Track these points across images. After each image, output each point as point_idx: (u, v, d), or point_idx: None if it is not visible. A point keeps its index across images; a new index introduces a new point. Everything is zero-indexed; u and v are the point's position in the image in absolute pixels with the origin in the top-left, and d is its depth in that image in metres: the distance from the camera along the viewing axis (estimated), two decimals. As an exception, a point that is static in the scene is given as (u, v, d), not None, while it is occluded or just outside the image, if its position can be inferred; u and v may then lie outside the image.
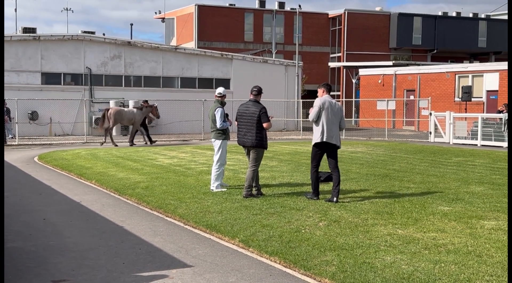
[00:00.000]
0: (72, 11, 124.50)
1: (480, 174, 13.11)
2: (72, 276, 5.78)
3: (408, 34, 51.80)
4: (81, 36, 30.28)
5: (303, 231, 7.33)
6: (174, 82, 31.90)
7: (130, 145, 22.56)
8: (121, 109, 23.24)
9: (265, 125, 9.74)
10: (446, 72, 34.04)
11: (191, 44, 47.49)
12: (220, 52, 34.19)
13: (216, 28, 48.14)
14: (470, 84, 31.48)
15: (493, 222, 7.78)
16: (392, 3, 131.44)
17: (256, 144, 9.77)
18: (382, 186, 11.11)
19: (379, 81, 38.05)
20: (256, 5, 51.52)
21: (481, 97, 31.89)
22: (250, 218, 8.07)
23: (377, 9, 53.81)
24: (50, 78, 28.94)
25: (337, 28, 51.78)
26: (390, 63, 40.31)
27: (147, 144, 23.23)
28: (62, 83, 29.20)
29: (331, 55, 52.15)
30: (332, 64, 47.68)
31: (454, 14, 56.80)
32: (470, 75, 32.72)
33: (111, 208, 9.46)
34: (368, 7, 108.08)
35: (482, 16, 57.94)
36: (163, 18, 54.55)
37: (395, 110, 33.74)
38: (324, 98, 9.48)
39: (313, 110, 9.44)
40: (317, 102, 9.44)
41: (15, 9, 71.54)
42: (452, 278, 5.42)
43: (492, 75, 31.58)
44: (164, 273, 5.87)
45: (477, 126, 23.29)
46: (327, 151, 9.53)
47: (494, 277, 5.45)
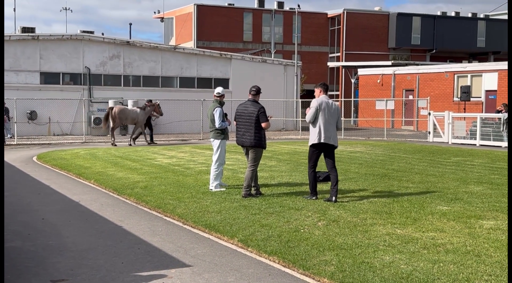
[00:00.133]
0: (71, 10, 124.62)
1: (479, 173, 13.12)
2: (71, 276, 5.77)
3: (407, 34, 51.79)
4: (80, 35, 30.26)
5: (302, 230, 7.33)
6: (173, 82, 31.88)
7: (130, 144, 22.56)
8: (125, 108, 23.35)
9: (263, 125, 9.72)
10: (445, 72, 34.05)
11: (190, 44, 47.44)
12: (219, 52, 34.17)
13: (215, 28, 48.11)
14: (469, 84, 31.50)
15: (492, 222, 7.79)
16: (391, 3, 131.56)
17: (255, 143, 9.76)
18: (381, 185, 11.12)
19: (378, 81, 38.05)
20: (255, 5, 51.47)
21: (480, 97, 31.91)
22: (249, 218, 8.08)
23: (376, 9, 53.78)
24: (49, 78, 28.92)
25: (336, 28, 51.76)
26: (389, 63, 40.28)
27: (148, 143, 23.24)
28: (61, 83, 29.18)
29: (330, 55, 52.14)
30: (331, 64, 47.68)
31: (453, 14, 56.81)
32: (469, 75, 32.74)
33: (110, 208, 9.46)
34: (367, 7, 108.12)
35: (481, 16, 57.93)
36: (162, 18, 54.49)
37: (394, 110, 33.70)
38: (320, 98, 9.45)
39: (309, 111, 9.39)
40: (314, 103, 9.41)
41: (14, 9, 71.42)
42: (451, 278, 5.43)
43: (491, 75, 31.60)
44: (163, 272, 5.87)
45: (476, 126, 23.30)
46: (324, 151, 9.52)
47: (492, 277, 5.45)
